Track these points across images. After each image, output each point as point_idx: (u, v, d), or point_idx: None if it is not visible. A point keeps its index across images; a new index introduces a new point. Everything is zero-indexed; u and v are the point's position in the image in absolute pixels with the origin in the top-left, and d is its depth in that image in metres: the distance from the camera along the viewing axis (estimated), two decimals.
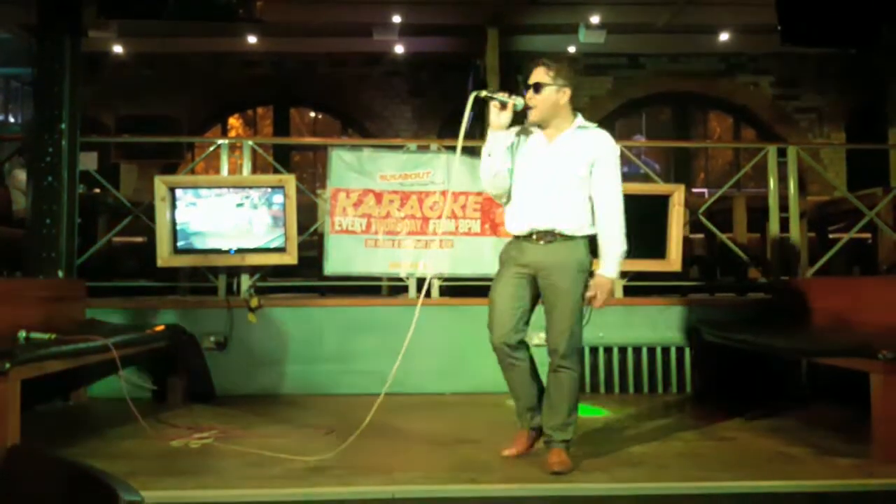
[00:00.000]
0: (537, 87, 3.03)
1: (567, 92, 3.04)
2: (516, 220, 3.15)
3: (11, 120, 10.76)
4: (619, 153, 3.13)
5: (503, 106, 3.03)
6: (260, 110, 11.72)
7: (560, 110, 3.07)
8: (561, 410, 3.03)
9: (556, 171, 3.06)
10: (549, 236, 3.06)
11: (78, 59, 4.94)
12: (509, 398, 3.31)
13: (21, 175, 5.99)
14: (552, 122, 3.09)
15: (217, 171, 5.36)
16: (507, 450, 3.21)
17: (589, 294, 3.03)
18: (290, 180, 5.02)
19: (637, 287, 5.36)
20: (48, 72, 4.80)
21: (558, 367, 3.04)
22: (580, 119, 3.13)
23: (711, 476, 2.93)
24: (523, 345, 3.16)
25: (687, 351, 5.02)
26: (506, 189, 3.17)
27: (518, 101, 3.03)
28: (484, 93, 3.04)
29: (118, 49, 9.68)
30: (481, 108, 3.26)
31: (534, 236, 3.09)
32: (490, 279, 3.25)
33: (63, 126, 4.79)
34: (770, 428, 3.86)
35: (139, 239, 6.39)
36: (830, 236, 6.19)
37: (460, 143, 3.15)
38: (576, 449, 3.17)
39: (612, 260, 3.04)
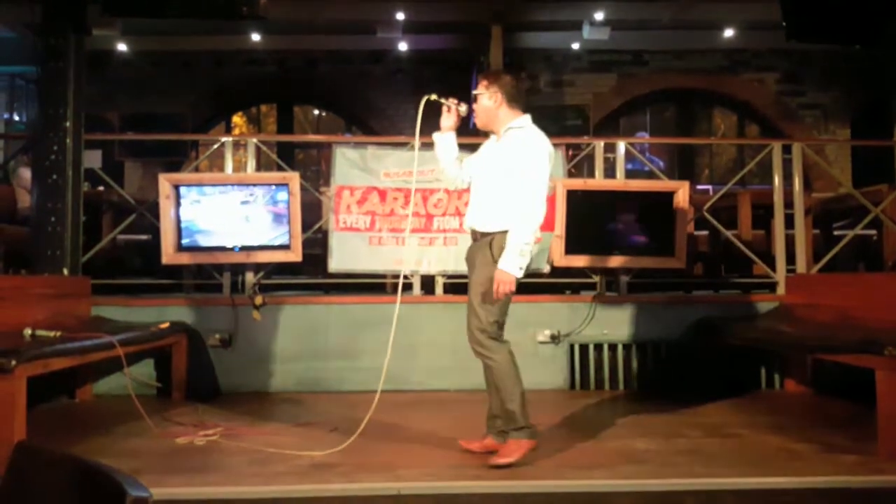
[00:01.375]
0: (475, 98, 3.21)
1: (498, 96, 3.15)
2: None
3: (16, 118, 10.77)
4: (537, 151, 3.06)
5: (450, 110, 3.24)
6: (264, 108, 11.73)
7: (497, 113, 3.17)
8: (498, 399, 3.10)
9: (481, 173, 3.22)
10: (475, 235, 3.21)
11: (82, 58, 4.95)
12: None
13: (26, 173, 6.02)
14: (494, 127, 3.22)
15: (221, 168, 5.37)
16: (464, 440, 3.31)
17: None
18: (294, 178, 5.02)
19: (641, 284, 5.35)
20: (52, 70, 4.81)
21: (480, 358, 3.11)
22: (517, 121, 3.15)
23: (716, 472, 2.94)
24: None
25: (691, 348, 5.00)
26: (460, 186, 3.37)
27: (462, 108, 3.25)
28: (434, 96, 3.24)
29: (122, 47, 9.69)
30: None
31: (471, 237, 3.25)
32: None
33: (67, 124, 4.80)
34: (774, 424, 3.86)
35: (144, 237, 6.41)
36: (835, 233, 6.17)
37: (417, 141, 3.44)
38: (578, 447, 3.17)
39: (508, 250, 2.98)
